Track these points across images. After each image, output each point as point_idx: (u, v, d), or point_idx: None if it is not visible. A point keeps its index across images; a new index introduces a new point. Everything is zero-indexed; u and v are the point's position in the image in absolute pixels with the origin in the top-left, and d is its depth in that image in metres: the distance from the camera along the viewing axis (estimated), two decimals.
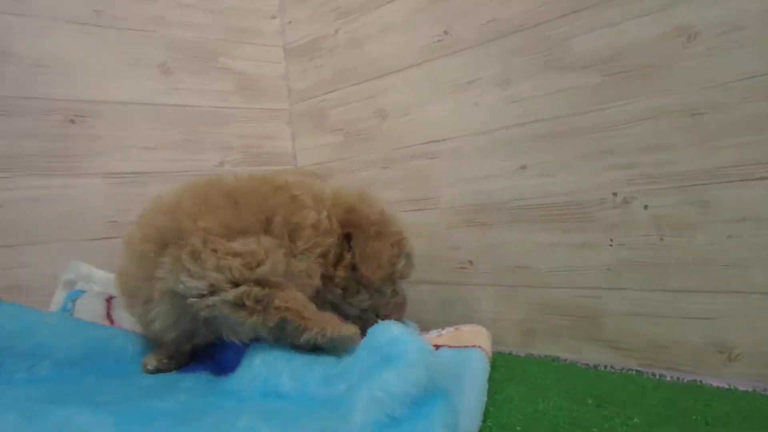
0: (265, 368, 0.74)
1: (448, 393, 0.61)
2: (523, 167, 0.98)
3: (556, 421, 0.68)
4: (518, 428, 0.67)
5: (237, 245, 0.72)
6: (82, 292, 1.03)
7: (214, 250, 0.71)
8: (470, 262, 1.08)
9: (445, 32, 1.07)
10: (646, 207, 0.86)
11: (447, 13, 1.07)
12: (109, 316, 1.02)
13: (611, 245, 0.90)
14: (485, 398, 0.73)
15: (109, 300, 1.03)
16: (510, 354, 1.01)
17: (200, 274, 0.70)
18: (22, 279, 1.03)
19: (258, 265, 0.72)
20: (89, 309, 1.01)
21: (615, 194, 0.89)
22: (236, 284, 0.71)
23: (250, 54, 1.35)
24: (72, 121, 1.10)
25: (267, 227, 0.78)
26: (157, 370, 0.83)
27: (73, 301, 1.02)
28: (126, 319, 1.01)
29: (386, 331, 0.65)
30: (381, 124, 1.20)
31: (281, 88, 1.39)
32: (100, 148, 1.13)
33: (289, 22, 1.40)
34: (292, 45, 1.40)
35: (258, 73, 1.36)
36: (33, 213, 1.05)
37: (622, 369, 0.88)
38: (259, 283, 0.71)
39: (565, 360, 0.95)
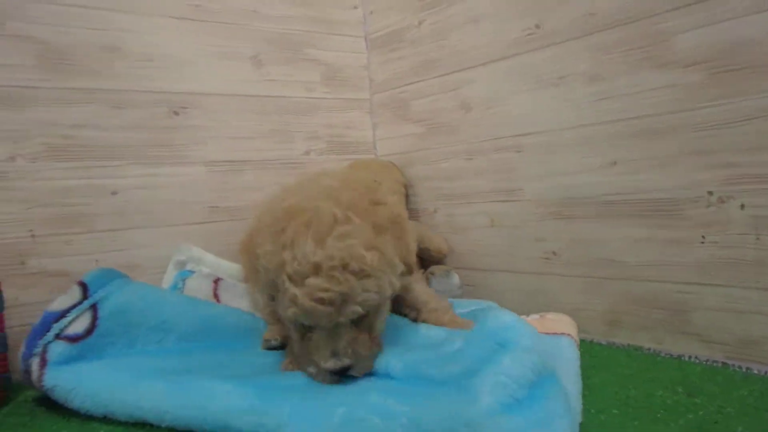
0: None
1: (558, 376, 0.68)
2: (614, 163, 1.02)
3: (650, 407, 0.74)
4: (615, 411, 0.73)
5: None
6: (192, 272, 1.14)
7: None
8: (554, 252, 1.13)
9: (537, 26, 1.11)
10: (742, 206, 0.89)
11: (539, 6, 1.10)
12: (216, 295, 1.12)
13: (703, 242, 0.94)
14: (580, 383, 0.80)
15: (216, 281, 1.14)
16: (592, 342, 1.06)
17: None
18: (137, 258, 1.14)
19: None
20: (198, 289, 1.12)
21: (710, 193, 0.92)
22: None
23: (334, 45, 1.41)
24: (176, 113, 1.20)
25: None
26: (278, 346, 0.92)
27: (183, 280, 1.13)
28: (232, 299, 1.12)
29: (498, 317, 0.71)
30: (465, 115, 1.26)
31: (363, 79, 1.46)
32: (201, 138, 1.22)
33: (371, 12, 1.45)
34: (373, 35, 1.45)
35: (341, 64, 1.42)
36: (144, 199, 1.16)
37: (707, 361, 0.92)
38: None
39: (649, 349, 1.00)
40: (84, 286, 0.90)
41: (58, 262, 1.07)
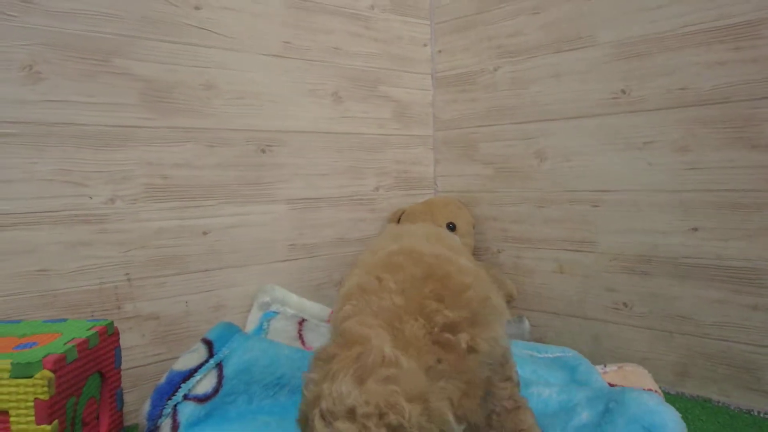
0: None
1: None
2: (695, 229, 1.11)
3: None
4: None
5: None
6: (276, 313, 1.16)
7: None
8: (624, 304, 1.22)
9: (623, 91, 1.18)
10: None
11: (625, 74, 1.17)
12: (300, 336, 1.15)
13: None
14: None
15: (300, 323, 1.16)
16: (662, 389, 1.16)
17: None
18: (224, 299, 1.15)
19: None
20: (283, 330, 1.14)
21: None
22: None
23: (404, 82, 1.44)
24: (263, 151, 1.20)
25: None
26: None
27: (269, 321, 1.15)
28: (316, 340, 1.15)
29: (642, 401, 0.78)
30: (539, 164, 1.32)
31: (428, 116, 1.49)
32: (285, 175, 1.24)
33: (439, 51, 1.49)
34: (440, 74, 1.49)
35: (409, 101, 1.46)
36: (233, 238, 1.16)
37: None
38: None
39: (718, 402, 1.10)
40: (209, 344, 0.91)
41: (151, 305, 1.06)
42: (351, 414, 0.60)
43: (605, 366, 1.14)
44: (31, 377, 0.65)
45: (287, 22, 1.24)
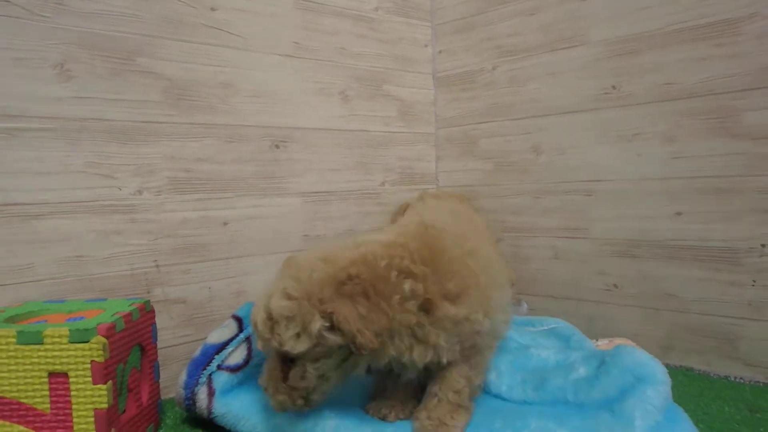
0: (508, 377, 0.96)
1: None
2: (679, 213, 1.20)
3: (730, 422, 0.94)
4: (701, 426, 0.92)
5: None
6: None
7: None
8: (615, 285, 1.31)
9: (613, 87, 1.27)
10: None
11: (616, 71, 1.26)
12: None
13: (753, 285, 1.13)
14: None
15: None
16: None
17: None
18: (245, 285, 1.24)
19: None
20: None
21: (763, 245, 1.12)
22: None
23: (408, 81, 1.53)
24: (277, 146, 1.28)
25: None
26: None
27: None
28: None
29: (634, 356, 0.87)
30: (536, 158, 1.41)
31: (430, 114, 1.58)
32: (298, 170, 1.32)
33: (440, 52, 1.58)
34: (441, 74, 1.58)
35: (413, 100, 1.54)
36: (251, 229, 1.24)
37: (750, 381, 1.13)
38: None
39: (699, 370, 1.20)
40: (239, 320, 0.99)
41: (177, 291, 1.14)
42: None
43: (597, 340, 1.23)
44: (87, 342, 0.73)
45: (297, 24, 1.32)
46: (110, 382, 0.74)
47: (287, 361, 0.76)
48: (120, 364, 0.79)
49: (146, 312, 0.89)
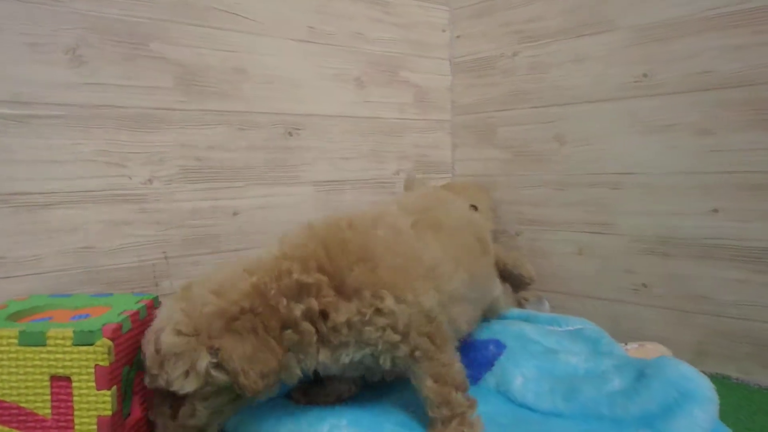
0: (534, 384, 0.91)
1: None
2: (715, 210, 1.14)
3: None
4: None
5: None
6: None
7: None
8: (643, 284, 1.25)
9: (644, 75, 1.20)
10: None
11: (648, 58, 1.19)
12: None
13: None
14: None
15: None
16: None
17: None
18: None
19: None
20: None
21: None
22: None
23: (424, 67, 1.47)
24: (290, 134, 1.23)
25: None
26: None
27: None
28: None
29: (678, 368, 0.81)
30: (559, 148, 1.35)
31: (446, 101, 1.52)
32: (310, 158, 1.26)
33: (457, 37, 1.51)
34: (458, 59, 1.51)
35: (429, 86, 1.48)
36: (262, 219, 1.19)
37: None
38: None
39: (737, 379, 1.14)
40: None
41: None
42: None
43: (626, 344, 1.17)
44: (92, 344, 0.68)
45: (311, 7, 1.26)
46: (115, 387, 0.70)
47: (177, 398, 0.71)
48: (126, 366, 0.75)
49: (154, 309, 0.85)
